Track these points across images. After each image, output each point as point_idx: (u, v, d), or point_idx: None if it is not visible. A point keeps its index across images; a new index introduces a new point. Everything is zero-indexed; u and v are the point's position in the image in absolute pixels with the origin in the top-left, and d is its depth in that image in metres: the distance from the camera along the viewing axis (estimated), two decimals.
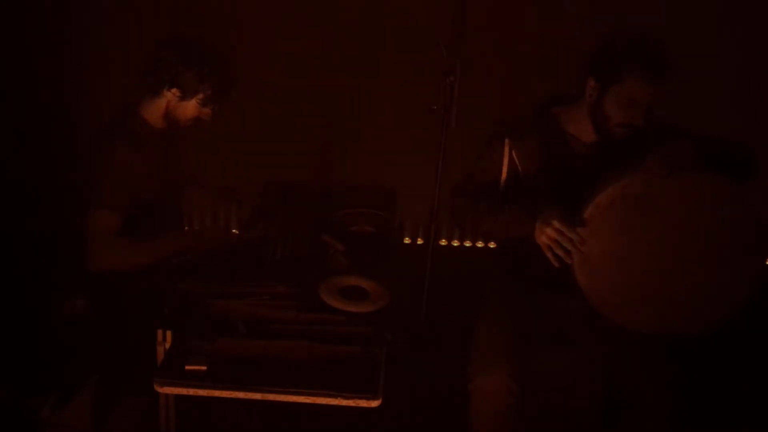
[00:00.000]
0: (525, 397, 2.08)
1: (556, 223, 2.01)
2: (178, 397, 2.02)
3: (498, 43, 3.44)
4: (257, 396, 1.77)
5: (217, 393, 1.78)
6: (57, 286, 2.69)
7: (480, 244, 3.87)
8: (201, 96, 2.30)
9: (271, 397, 1.76)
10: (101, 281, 2.29)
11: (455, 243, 3.92)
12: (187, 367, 1.79)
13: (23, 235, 3.08)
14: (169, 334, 2.04)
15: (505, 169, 2.22)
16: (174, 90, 2.28)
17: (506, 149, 2.21)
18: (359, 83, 3.64)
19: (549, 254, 2.04)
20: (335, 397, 1.76)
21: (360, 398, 1.75)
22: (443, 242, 3.90)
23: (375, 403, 1.76)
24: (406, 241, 3.86)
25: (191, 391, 1.78)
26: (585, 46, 2.16)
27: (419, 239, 3.93)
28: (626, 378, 2.12)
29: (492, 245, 3.50)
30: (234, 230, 3.41)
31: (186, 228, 2.89)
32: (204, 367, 1.79)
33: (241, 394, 1.77)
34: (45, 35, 3.32)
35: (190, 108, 2.32)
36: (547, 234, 2.02)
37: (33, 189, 3.19)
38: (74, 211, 2.28)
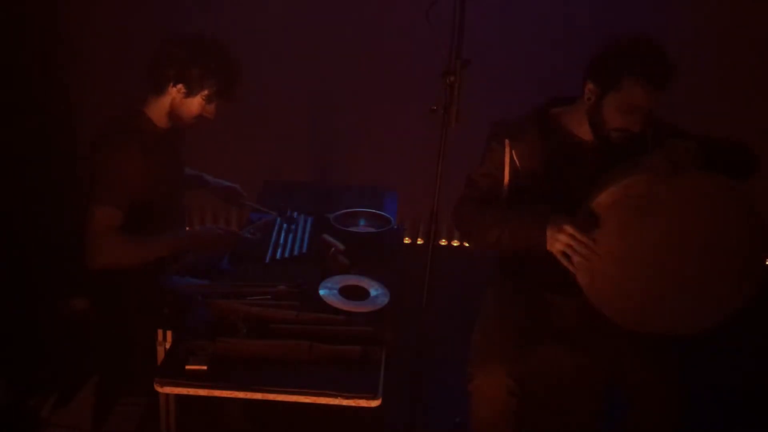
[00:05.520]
0: (525, 397, 2.08)
1: (568, 228, 1.99)
2: (178, 397, 2.02)
3: (498, 43, 3.45)
4: (257, 396, 1.76)
5: (217, 393, 1.78)
6: (57, 286, 2.70)
7: None
8: (206, 92, 2.30)
9: (271, 397, 1.76)
10: (101, 281, 2.29)
11: (455, 243, 3.92)
12: (187, 367, 1.79)
13: (23, 235, 3.07)
14: (169, 334, 2.04)
15: (507, 171, 2.22)
16: (179, 86, 2.28)
17: (507, 150, 2.21)
18: (359, 83, 3.64)
19: (565, 262, 2.02)
20: (335, 397, 1.75)
21: (360, 398, 1.75)
22: (443, 242, 3.90)
23: (375, 403, 1.76)
24: (406, 241, 3.86)
25: (191, 391, 1.78)
26: (585, 47, 2.16)
27: (419, 239, 3.93)
28: (626, 378, 2.12)
29: None
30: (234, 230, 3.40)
31: (187, 228, 2.89)
32: (204, 367, 1.79)
33: (241, 394, 1.77)
34: (44, 35, 3.31)
35: (194, 105, 2.32)
36: (560, 240, 2.00)
37: (33, 189, 3.19)
38: (74, 210, 2.28)
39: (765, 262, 2.05)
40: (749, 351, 3.16)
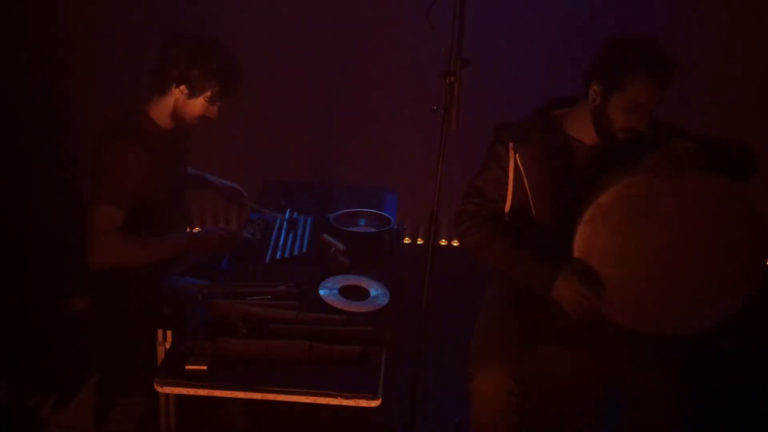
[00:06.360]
0: (525, 397, 2.08)
1: (576, 286, 2.04)
2: (178, 397, 2.02)
3: (498, 43, 3.44)
4: (257, 396, 1.76)
5: (217, 393, 1.78)
6: (57, 286, 2.69)
7: None
8: (208, 93, 2.30)
9: (271, 397, 1.76)
10: (101, 281, 2.28)
11: (455, 243, 3.92)
12: (187, 367, 1.79)
13: (23, 235, 3.08)
14: (169, 334, 2.04)
15: (512, 175, 2.21)
16: (182, 87, 2.28)
17: (510, 154, 2.21)
18: (359, 83, 3.64)
19: (570, 310, 2.08)
20: (335, 397, 1.75)
21: (360, 398, 1.75)
22: (443, 242, 3.90)
23: (375, 403, 1.75)
24: (406, 241, 3.86)
25: (191, 391, 1.78)
26: (585, 47, 2.15)
27: (419, 239, 3.93)
28: (626, 378, 2.12)
29: None
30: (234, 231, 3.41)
31: (188, 229, 2.89)
32: (204, 367, 1.79)
33: (241, 394, 1.77)
34: (43, 35, 3.32)
35: (197, 106, 2.33)
36: (567, 295, 2.06)
37: (33, 189, 3.20)
38: (74, 210, 2.28)
39: (765, 262, 2.05)
40: (749, 351, 3.16)
